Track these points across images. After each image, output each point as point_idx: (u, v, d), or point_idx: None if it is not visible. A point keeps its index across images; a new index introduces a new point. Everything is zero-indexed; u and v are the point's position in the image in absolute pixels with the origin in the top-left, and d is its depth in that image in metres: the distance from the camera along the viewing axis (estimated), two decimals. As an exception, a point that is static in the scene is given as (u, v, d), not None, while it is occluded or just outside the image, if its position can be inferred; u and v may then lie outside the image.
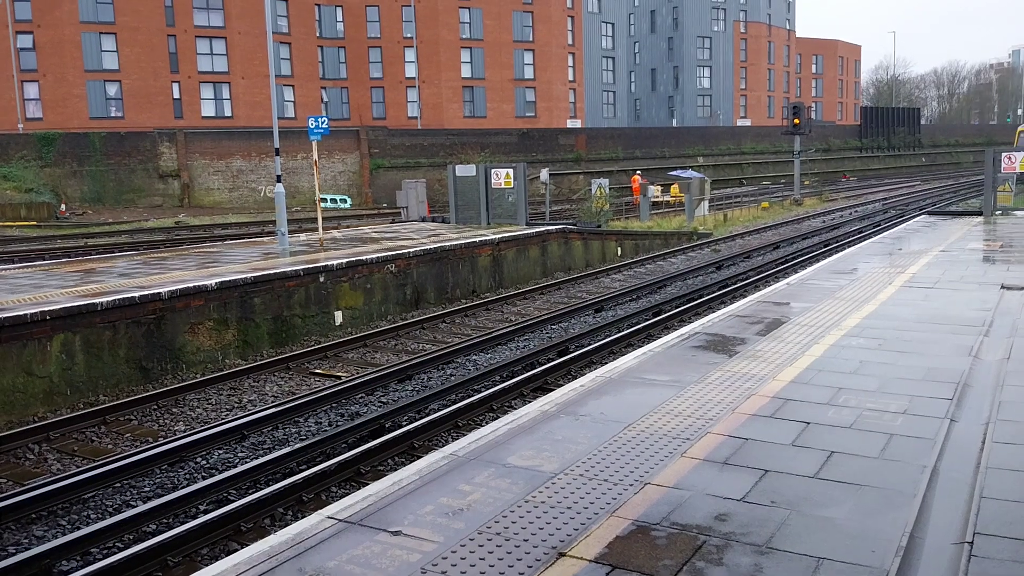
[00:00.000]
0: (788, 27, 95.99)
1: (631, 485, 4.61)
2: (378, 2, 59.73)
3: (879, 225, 28.82)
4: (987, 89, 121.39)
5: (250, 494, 7.17)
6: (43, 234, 31.66)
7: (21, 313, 10.32)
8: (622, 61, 77.99)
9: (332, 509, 4.49)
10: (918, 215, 25.29)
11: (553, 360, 11.63)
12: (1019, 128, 40.96)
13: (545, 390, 10.07)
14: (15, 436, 8.96)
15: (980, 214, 21.25)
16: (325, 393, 10.08)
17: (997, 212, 20.78)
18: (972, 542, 3.88)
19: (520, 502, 4.43)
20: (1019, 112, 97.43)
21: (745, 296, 14.26)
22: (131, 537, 6.56)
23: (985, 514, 4.17)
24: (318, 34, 57.91)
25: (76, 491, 7.36)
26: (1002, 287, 10.47)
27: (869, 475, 4.68)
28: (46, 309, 10.56)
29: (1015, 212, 21.06)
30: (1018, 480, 4.57)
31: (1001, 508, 4.24)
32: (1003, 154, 20.56)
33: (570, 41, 68.14)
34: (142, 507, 6.85)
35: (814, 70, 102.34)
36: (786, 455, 5.01)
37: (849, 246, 20.13)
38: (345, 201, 45.21)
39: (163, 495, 7.34)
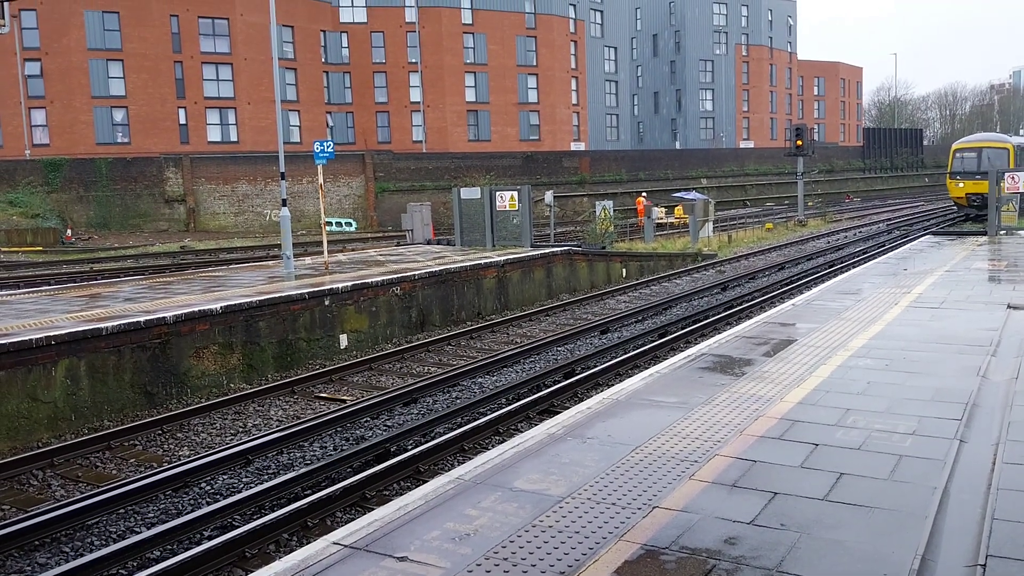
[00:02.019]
0: (789, 50, 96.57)
1: (639, 508, 4.56)
2: (383, 28, 60.32)
3: (884, 245, 28.80)
4: (989, 110, 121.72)
5: (255, 520, 7.13)
6: (49, 259, 31.79)
7: (26, 338, 10.33)
8: (625, 85, 78.48)
9: (337, 535, 4.45)
10: (922, 235, 25.25)
11: (559, 382, 11.59)
12: (952, 147, 35.38)
13: (552, 413, 10.03)
14: (19, 462, 8.93)
15: (984, 234, 21.22)
16: (330, 417, 10.05)
17: (1001, 232, 20.75)
18: (985, 565, 3.83)
19: (527, 526, 4.39)
20: (1021, 132, 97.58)
21: (751, 317, 14.22)
22: (135, 564, 6.52)
23: (997, 536, 4.11)
24: (323, 60, 58.44)
25: (79, 517, 7.33)
26: (1008, 307, 10.42)
27: (879, 497, 4.63)
28: (51, 334, 10.57)
29: (1019, 232, 21.02)
30: (1030, 502, 4.52)
31: (1014, 530, 4.19)
32: (1007, 174, 20.58)
33: (573, 65, 68.65)
34: (146, 533, 6.81)
35: (816, 92, 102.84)
36: (795, 477, 4.97)
37: (854, 267, 20.10)
38: (351, 224, 45.39)
39: (167, 521, 7.30)
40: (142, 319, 11.65)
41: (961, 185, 34.22)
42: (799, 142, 39.67)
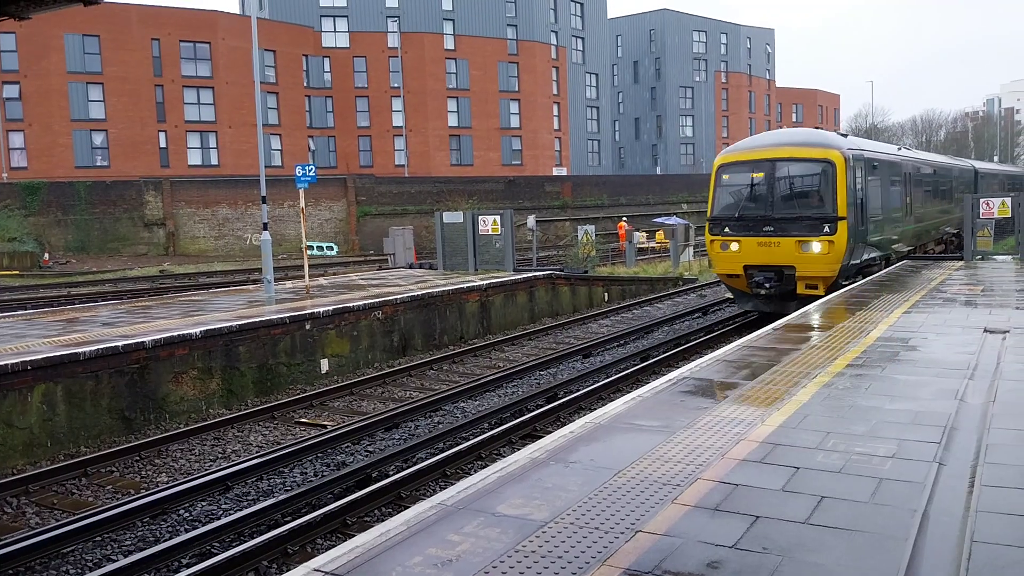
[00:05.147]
0: (768, 77, 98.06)
1: (622, 533, 4.55)
2: (365, 53, 60.64)
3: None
4: (963, 136, 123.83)
5: (234, 547, 7.04)
6: (26, 283, 31.44)
7: (1, 363, 10.19)
8: (606, 110, 79.24)
9: (318, 562, 4.40)
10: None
11: (542, 407, 11.58)
12: (716, 162, 17.52)
13: (534, 437, 10.01)
14: (-7, 489, 8.78)
15: (960, 259, 21.51)
16: (311, 443, 9.97)
17: (977, 257, 21.05)
18: (965, 587, 3.85)
19: (510, 552, 4.36)
20: (995, 159, 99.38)
21: (732, 341, 14.30)
22: (111, 592, 6.41)
23: (977, 558, 4.14)
24: (305, 84, 58.60)
25: (54, 546, 7.20)
26: (985, 330, 10.55)
27: (860, 520, 4.65)
28: (27, 359, 10.44)
29: (994, 257, 21.32)
30: (1008, 523, 4.56)
31: (992, 552, 4.21)
32: (981, 200, 20.92)
33: (555, 91, 69.27)
34: (122, 561, 6.70)
35: (794, 118, 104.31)
36: (777, 501, 4.98)
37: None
38: (332, 248, 45.26)
39: (144, 549, 7.19)
40: (120, 344, 11.53)
41: (734, 247, 16.62)
42: (778, 168, 40.04)
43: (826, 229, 15.63)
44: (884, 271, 18.87)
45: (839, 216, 15.57)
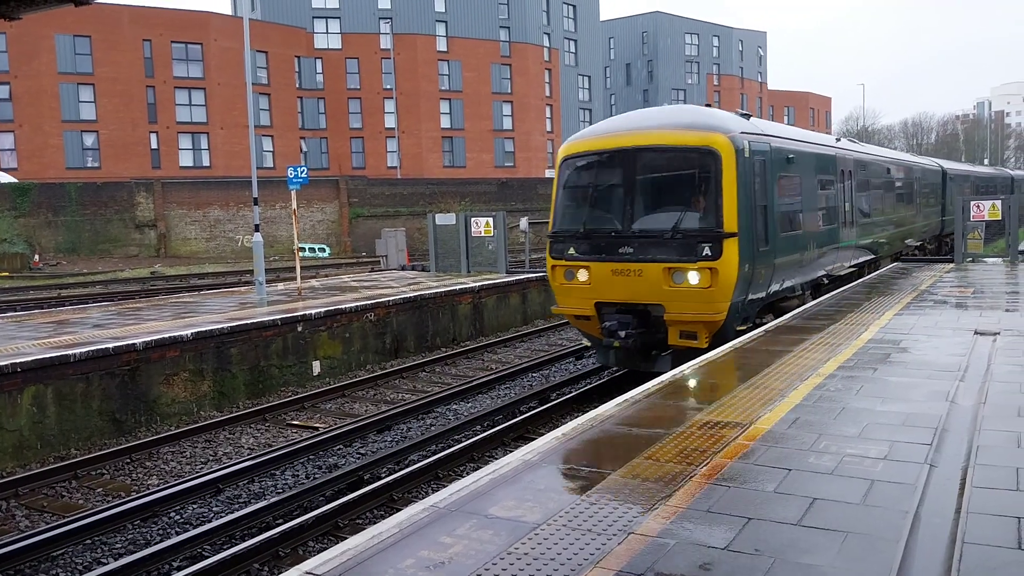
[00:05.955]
0: (760, 79, 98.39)
1: (615, 535, 4.55)
2: (357, 55, 60.59)
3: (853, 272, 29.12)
4: (954, 139, 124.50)
5: (225, 550, 7.01)
6: (15, 285, 31.27)
7: (-8, 365, 10.13)
8: (599, 113, 79.37)
9: (309, 564, 4.39)
10: (891, 263, 25.53)
11: (535, 408, 11.57)
12: (560, 152, 12.50)
13: (527, 439, 10.00)
14: (-18, 492, 8.73)
15: (951, 261, 21.59)
16: (302, 445, 9.95)
17: (968, 259, 21.13)
18: (957, 589, 3.86)
19: (503, 554, 4.36)
20: (985, 162, 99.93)
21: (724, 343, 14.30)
22: (101, 596, 6.37)
23: (968, 560, 4.15)
24: (298, 85, 58.51)
25: (44, 549, 7.16)
26: (975, 332, 10.59)
27: (852, 521, 4.66)
28: (17, 361, 10.38)
29: (984, 259, 21.41)
30: (999, 525, 4.58)
31: (983, 553, 4.23)
32: (971, 203, 21.00)
33: (548, 93, 69.36)
34: (113, 565, 6.67)
35: (786, 121, 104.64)
36: (769, 502, 4.98)
37: (826, 292, 20.26)
38: (324, 250, 45.16)
39: (135, 552, 7.16)
40: (111, 346, 11.48)
41: (582, 276, 11.86)
42: (769, 170, 40.04)
43: (706, 251, 10.82)
44: (875, 273, 18.92)
45: (725, 232, 10.81)
